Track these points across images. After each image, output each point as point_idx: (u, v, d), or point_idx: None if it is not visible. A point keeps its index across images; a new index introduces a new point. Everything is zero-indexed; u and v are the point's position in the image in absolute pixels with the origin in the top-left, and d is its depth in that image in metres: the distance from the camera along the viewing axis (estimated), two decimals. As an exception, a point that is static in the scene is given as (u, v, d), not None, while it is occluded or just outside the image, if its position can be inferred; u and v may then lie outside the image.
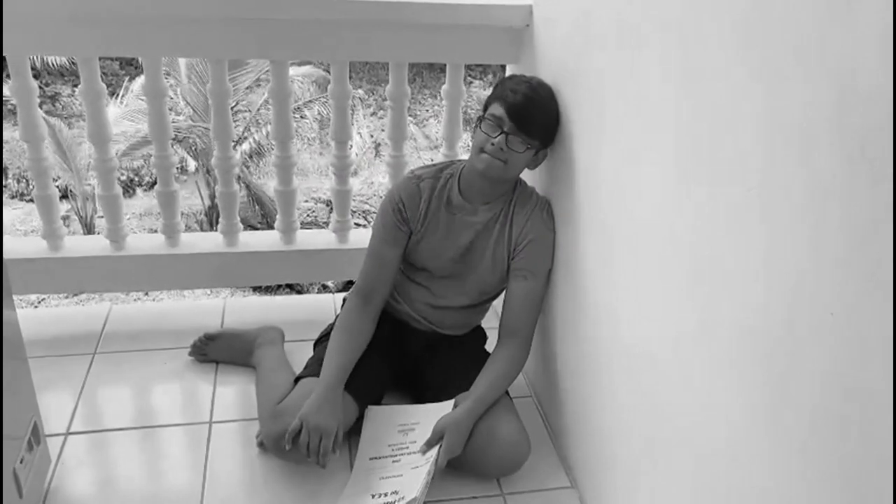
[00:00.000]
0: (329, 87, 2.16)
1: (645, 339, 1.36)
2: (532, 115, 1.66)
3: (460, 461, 1.64)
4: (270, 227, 2.55)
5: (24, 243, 2.33)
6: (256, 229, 9.33)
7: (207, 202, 11.14)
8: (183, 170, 11.33)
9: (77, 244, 2.26)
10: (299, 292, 9.08)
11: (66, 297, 8.89)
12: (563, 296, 1.75)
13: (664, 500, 1.32)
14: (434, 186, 1.78)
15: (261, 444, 1.76)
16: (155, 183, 2.27)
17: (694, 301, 1.17)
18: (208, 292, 9.03)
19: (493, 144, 1.65)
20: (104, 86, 2.07)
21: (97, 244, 2.23)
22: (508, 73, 2.17)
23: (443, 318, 1.88)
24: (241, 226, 2.31)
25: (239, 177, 7.12)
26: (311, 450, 1.58)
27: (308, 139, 11.79)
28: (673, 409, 1.26)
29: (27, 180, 11.42)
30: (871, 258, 0.78)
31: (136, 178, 11.85)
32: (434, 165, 1.84)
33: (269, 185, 10.44)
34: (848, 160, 0.80)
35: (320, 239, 2.36)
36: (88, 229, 10.75)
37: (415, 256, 1.83)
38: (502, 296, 1.84)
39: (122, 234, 2.21)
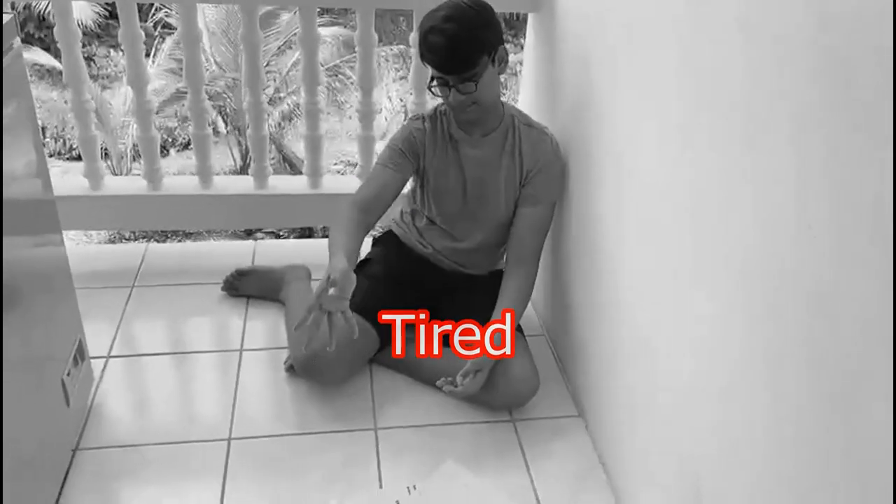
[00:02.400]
0: (355, 35, 2.22)
1: (645, 281, 1.42)
2: (462, 55, 1.63)
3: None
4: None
5: (68, 181, 2.44)
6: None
7: (239, 162, 11.30)
8: (215, 131, 11.48)
9: (116, 183, 2.38)
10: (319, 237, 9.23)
11: (106, 237, 9.18)
12: (576, 237, 1.81)
13: (660, 428, 1.38)
14: (434, 125, 1.84)
15: (290, 369, 1.86)
16: (188, 145, 2.35)
17: (691, 244, 1.22)
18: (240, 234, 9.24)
19: (451, 100, 1.69)
20: (142, 31, 2.16)
21: (135, 184, 2.35)
22: (530, 23, 2.20)
23: (467, 258, 1.95)
24: (270, 169, 2.39)
25: (271, 137, 7.19)
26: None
27: (338, 103, 11.83)
28: (669, 348, 1.32)
29: (64, 140, 11.67)
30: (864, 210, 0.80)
31: (170, 139, 12.03)
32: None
33: (299, 147, 10.54)
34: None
35: (346, 183, 2.43)
36: (124, 187, 10.97)
37: (430, 200, 1.90)
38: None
39: (159, 175, 2.32)
